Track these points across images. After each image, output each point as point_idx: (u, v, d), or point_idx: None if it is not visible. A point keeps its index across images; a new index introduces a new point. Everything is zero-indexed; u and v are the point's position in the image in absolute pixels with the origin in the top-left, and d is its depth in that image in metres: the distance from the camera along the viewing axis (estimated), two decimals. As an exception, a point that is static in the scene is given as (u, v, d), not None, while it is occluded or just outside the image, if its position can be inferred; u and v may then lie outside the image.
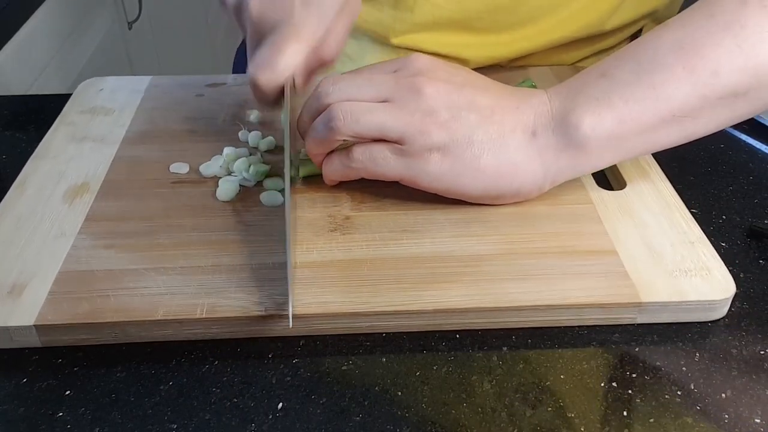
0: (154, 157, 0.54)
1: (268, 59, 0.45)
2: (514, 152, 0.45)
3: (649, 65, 0.44)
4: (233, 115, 0.59)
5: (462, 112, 0.45)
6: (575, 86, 0.46)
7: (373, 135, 0.45)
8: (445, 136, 0.45)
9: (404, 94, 0.45)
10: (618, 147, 0.45)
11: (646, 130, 0.44)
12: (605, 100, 0.44)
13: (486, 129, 0.45)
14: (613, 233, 0.46)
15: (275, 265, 0.43)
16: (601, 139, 0.45)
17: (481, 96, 0.46)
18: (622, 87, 0.44)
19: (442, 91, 0.45)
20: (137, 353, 0.41)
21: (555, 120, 0.45)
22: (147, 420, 0.37)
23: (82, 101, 0.61)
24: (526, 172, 0.46)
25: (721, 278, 0.43)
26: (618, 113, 0.44)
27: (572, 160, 0.46)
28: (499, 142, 0.45)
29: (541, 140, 0.45)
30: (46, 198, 0.49)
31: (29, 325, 0.40)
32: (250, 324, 0.41)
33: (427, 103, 0.45)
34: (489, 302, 0.41)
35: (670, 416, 0.38)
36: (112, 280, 0.42)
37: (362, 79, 0.47)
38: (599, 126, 0.44)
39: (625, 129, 0.44)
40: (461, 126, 0.45)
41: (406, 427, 0.37)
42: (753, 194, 0.53)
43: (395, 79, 0.46)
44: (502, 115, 0.46)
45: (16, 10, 1.01)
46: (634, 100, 0.44)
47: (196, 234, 0.46)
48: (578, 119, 0.44)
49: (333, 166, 0.48)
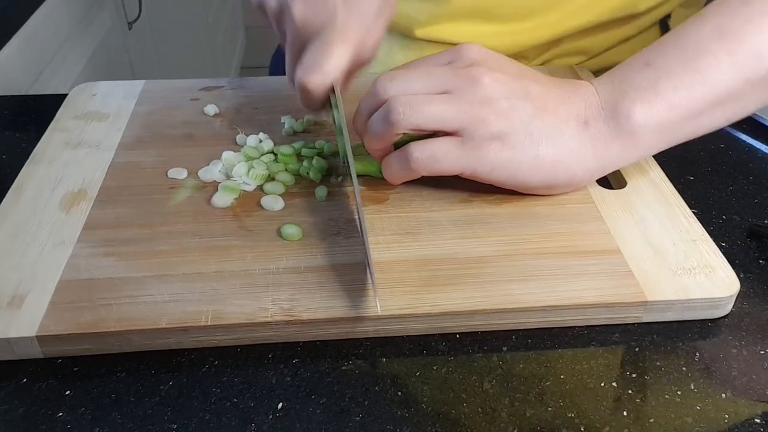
0: (151, 163, 0.53)
1: (316, 62, 0.45)
2: (569, 141, 0.46)
3: (693, 52, 0.46)
4: (230, 119, 0.59)
5: (519, 101, 0.46)
6: (620, 76, 0.47)
7: (433, 126, 0.45)
8: (504, 125, 0.45)
9: (462, 85, 0.46)
10: (666, 134, 0.46)
11: (694, 115, 0.46)
12: (653, 89, 0.46)
13: (542, 118, 0.46)
14: (615, 232, 0.46)
15: (278, 270, 0.43)
16: (651, 127, 0.46)
17: (535, 86, 0.47)
18: (668, 75, 0.46)
19: (500, 80, 0.46)
20: (137, 354, 0.41)
21: (605, 110, 0.46)
22: (147, 420, 0.37)
23: (75, 106, 0.60)
24: (580, 161, 0.47)
25: (725, 276, 0.43)
26: (667, 100, 0.45)
27: (622, 149, 0.47)
28: (554, 131, 0.46)
29: (592, 130, 0.46)
30: (43, 205, 0.49)
31: (31, 336, 0.39)
32: (255, 330, 0.40)
33: (485, 92, 0.45)
34: (495, 304, 0.41)
35: (670, 416, 0.38)
36: (113, 289, 0.42)
37: (418, 73, 0.47)
38: (650, 114, 0.45)
39: (674, 116, 0.45)
40: (519, 115, 0.46)
41: (406, 427, 0.37)
42: (753, 194, 0.53)
43: (451, 70, 0.47)
44: (556, 104, 0.47)
45: (16, 10, 1.01)
46: (682, 87, 0.45)
47: (197, 240, 0.46)
48: (629, 108, 0.45)
49: (392, 168, 0.48)
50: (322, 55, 0.45)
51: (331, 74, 0.46)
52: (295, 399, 0.38)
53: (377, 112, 0.46)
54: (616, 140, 0.46)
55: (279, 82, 0.63)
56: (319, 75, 0.45)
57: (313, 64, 0.46)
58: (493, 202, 0.49)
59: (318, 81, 0.46)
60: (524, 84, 0.47)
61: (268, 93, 0.62)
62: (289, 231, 0.46)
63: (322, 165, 0.52)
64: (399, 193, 0.50)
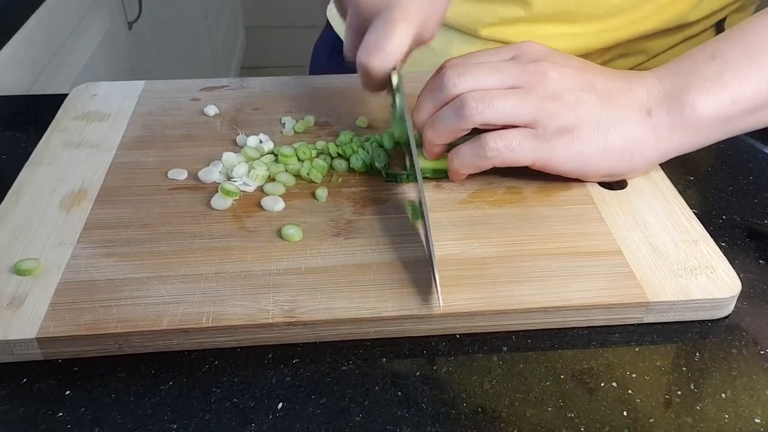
0: (151, 163, 0.53)
1: (378, 43, 0.46)
2: (633, 130, 0.47)
3: (759, 48, 0.47)
4: (230, 120, 0.59)
5: (585, 94, 0.47)
6: (684, 68, 0.48)
7: (504, 121, 0.46)
8: (573, 118, 0.46)
9: (531, 80, 0.47)
10: (726, 125, 0.48)
11: (754, 109, 0.47)
12: (719, 81, 0.47)
13: (608, 109, 0.47)
14: (616, 233, 0.46)
15: (279, 271, 0.43)
16: (713, 118, 0.47)
17: (598, 78, 0.48)
18: (734, 69, 0.47)
19: (566, 75, 0.47)
20: (137, 354, 0.41)
21: (668, 99, 0.47)
22: (147, 420, 0.37)
23: (75, 107, 0.60)
24: (643, 149, 0.48)
25: (726, 276, 0.43)
26: (732, 93, 0.46)
27: (683, 138, 0.48)
28: (619, 121, 0.47)
29: (655, 119, 0.47)
30: (43, 206, 0.49)
31: (31, 338, 0.39)
32: (256, 332, 0.40)
33: (554, 86, 0.47)
34: (496, 305, 0.41)
35: (670, 416, 0.38)
36: (113, 290, 0.42)
37: (487, 68, 0.48)
38: (714, 106, 0.47)
39: (737, 108, 0.47)
40: (586, 107, 0.47)
41: (406, 427, 0.37)
42: (753, 194, 0.53)
43: (519, 66, 0.48)
44: (619, 95, 0.48)
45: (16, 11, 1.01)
46: (748, 81, 0.47)
47: (198, 241, 0.46)
48: (694, 99, 0.47)
49: (465, 159, 0.48)
50: (385, 36, 0.46)
51: (393, 56, 0.46)
52: (295, 399, 0.38)
53: (447, 106, 0.47)
54: (677, 129, 0.47)
55: (279, 83, 0.63)
56: (381, 56, 0.46)
57: (375, 45, 0.46)
58: (494, 203, 0.49)
59: (380, 62, 0.46)
60: (588, 77, 0.48)
61: (268, 93, 0.62)
62: (289, 232, 0.46)
63: (322, 165, 0.52)
64: (399, 194, 0.50)
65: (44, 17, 1.08)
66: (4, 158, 0.57)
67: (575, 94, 0.47)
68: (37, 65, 1.06)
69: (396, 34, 0.46)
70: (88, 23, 1.29)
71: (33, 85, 1.04)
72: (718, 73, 0.47)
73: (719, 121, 0.47)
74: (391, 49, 0.46)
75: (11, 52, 0.97)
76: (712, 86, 0.47)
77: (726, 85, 0.47)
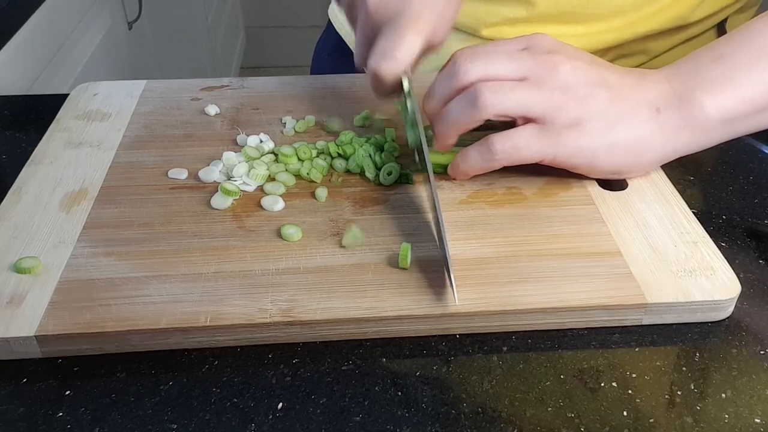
0: (151, 163, 0.53)
1: (389, 49, 0.46)
2: (642, 127, 0.47)
3: (766, 49, 0.47)
4: (231, 119, 0.59)
5: (596, 88, 0.47)
6: (691, 67, 0.48)
7: (517, 113, 0.46)
8: (582, 112, 0.46)
9: (542, 71, 0.46)
10: (732, 126, 0.48)
11: (760, 110, 0.48)
12: (729, 81, 0.47)
13: (617, 105, 0.47)
14: (616, 234, 0.46)
15: (278, 271, 0.43)
16: (722, 118, 0.47)
17: (609, 73, 0.48)
18: (743, 69, 0.47)
19: (578, 68, 0.47)
20: (137, 353, 0.41)
21: (678, 99, 0.47)
22: (147, 420, 0.37)
23: (76, 106, 0.60)
24: (650, 147, 0.48)
25: (726, 278, 0.43)
26: (741, 94, 0.47)
27: (690, 137, 0.48)
28: (629, 117, 0.47)
29: (664, 117, 0.47)
30: (44, 205, 0.49)
31: (30, 336, 0.39)
32: (255, 331, 0.40)
33: (565, 79, 0.46)
34: (495, 306, 0.41)
35: (670, 416, 0.38)
36: (113, 289, 0.42)
37: (499, 56, 0.47)
38: (723, 106, 0.47)
39: (745, 109, 0.47)
40: (596, 102, 0.47)
41: (406, 427, 0.37)
42: (753, 194, 0.53)
43: (532, 56, 0.47)
44: (630, 91, 0.48)
45: (16, 10, 1.01)
46: (757, 82, 0.47)
47: (197, 240, 0.46)
48: (703, 99, 0.47)
49: (472, 160, 0.48)
50: (395, 42, 0.46)
51: (403, 62, 0.46)
52: (295, 399, 0.38)
53: (460, 96, 0.47)
54: (685, 129, 0.47)
55: (280, 82, 0.63)
56: (391, 62, 0.46)
57: (385, 51, 0.46)
58: (493, 203, 0.49)
59: (391, 68, 0.46)
60: (599, 71, 0.48)
61: (268, 93, 0.62)
62: (288, 231, 0.46)
63: (322, 165, 0.52)
64: (398, 194, 0.50)
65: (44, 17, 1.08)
66: (4, 158, 0.57)
67: (586, 88, 0.47)
68: (37, 65, 1.06)
69: (406, 40, 0.46)
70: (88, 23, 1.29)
71: (33, 85, 1.04)
72: (727, 74, 0.47)
73: (728, 121, 0.47)
74: (401, 55, 0.46)
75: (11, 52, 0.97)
76: (723, 86, 0.47)
77: (735, 86, 0.47)
